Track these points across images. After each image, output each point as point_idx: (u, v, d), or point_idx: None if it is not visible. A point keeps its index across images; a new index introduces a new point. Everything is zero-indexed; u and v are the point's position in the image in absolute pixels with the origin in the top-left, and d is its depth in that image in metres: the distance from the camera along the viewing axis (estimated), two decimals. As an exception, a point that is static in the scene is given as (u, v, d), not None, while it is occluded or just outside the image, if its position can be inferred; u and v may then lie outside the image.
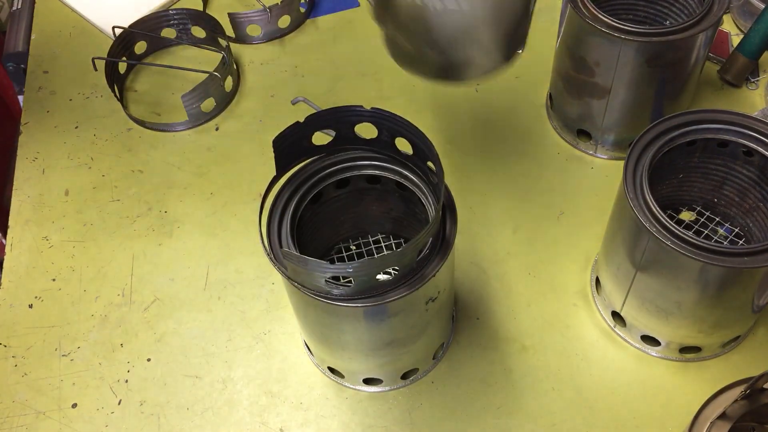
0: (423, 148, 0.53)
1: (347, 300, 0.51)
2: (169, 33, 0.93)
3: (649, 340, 0.65)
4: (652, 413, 0.63)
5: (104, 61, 0.86)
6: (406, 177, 0.58)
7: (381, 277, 0.53)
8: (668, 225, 0.54)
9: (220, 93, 0.85)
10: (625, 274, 0.61)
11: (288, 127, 0.54)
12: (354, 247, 0.70)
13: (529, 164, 0.79)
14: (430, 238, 0.52)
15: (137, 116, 0.87)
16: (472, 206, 0.76)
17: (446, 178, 0.78)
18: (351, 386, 0.66)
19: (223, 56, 0.85)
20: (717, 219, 0.70)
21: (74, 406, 0.66)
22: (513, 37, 0.66)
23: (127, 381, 0.67)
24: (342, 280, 0.50)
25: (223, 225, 0.76)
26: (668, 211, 0.71)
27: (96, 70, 0.87)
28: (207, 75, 0.83)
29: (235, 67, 0.90)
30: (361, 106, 0.54)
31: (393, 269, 0.50)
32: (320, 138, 0.57)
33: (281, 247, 0.53)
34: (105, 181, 0.81)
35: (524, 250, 0.73)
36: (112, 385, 0.67)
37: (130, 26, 0.89)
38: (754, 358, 0.65)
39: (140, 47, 0.92)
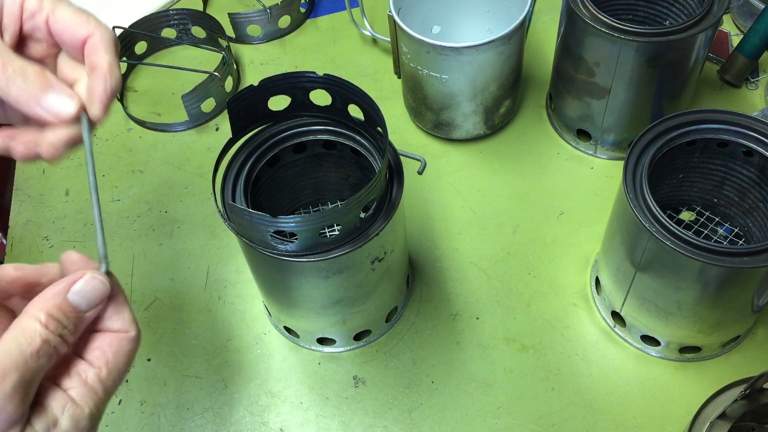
0: (372, 114, 0.55)
1: (293, 255, 0.53)
2: (169, 33, 0.93)
3: (649, 340, 0.65)
4: (652, 413, 0.63)
5: (104, 61, 0.86)
6: (359, 143, 0.60)
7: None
8: (668, 225, 0.54)
9: (220, 93, 0.85)
10: (624, 274, 0.61)
11: (243, 89, 0.56)
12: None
13: (529, 164, 0.79)
14: (375, 199, 0.54)
15: (137, 116, 0.87)
16: (472, 206, 0.76)
17: (446, 177, 0.79)
18: (306, 346, 0.68)
19: (223, 56, 0.85)
20: (717, 219, 0.70)
21: (74, 406, 0.66)
22: (493, 110, 0.78)
23: (127, 381, 0.67)
24: (288, 237, 0.53)
25: (223, 225, 0.77)
26: (668, 211, 0.71)
27: (96, 70, 0.87)
28: (207, 75, 0.83)
29: (235, 67, 0.90)
30: (314, 72, 0.56)
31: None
32: (276, 105, 0.58)
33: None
34: (105, 181, 0.81)
35: (524, 250, 0.73)
36: (112, 385, 0.67)
37: (130, 26, 0.90)
38: (754, 358, 0.65)
39: (140, 47, 0.92)
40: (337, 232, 0.54)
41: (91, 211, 0.79)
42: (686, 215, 0.71)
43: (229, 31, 0.92)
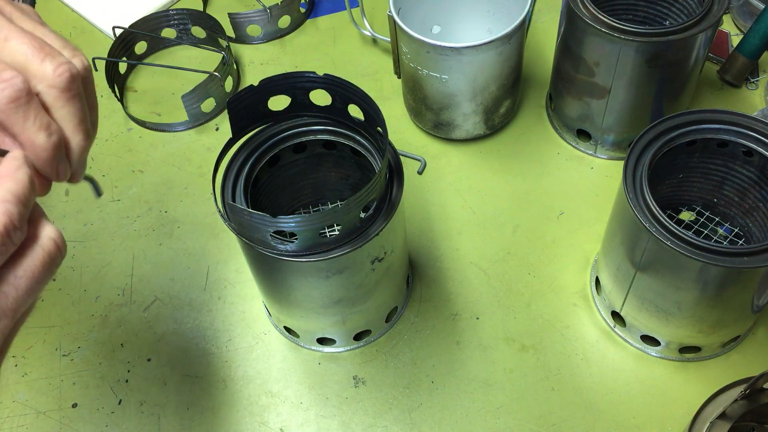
0: (372, 114, 0.55)
1: (293, 255, 0.53)
2: (169, 33, 0.93)
3: (649, 340, 0.65)
4: (652, 413, 0.63)
5: (104, 61, 0.86)
6: (359, 143, 0.60)
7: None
8: (668, 225, 0.54)
9: (220, 93, 0.85)
10: (624, 274, 0.61)
11: (243, 89, 0.56)
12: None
13: (529, 164, 0.79)
14: (375, 199, 0.54)
15: (137, 116, 0.87)
16: (472, 206, 0.76)
17: (446, 177, 0.79)
18: (306, 346, 0.68)
19: (223, 56, 0.85)
20: (717, 219, 0.70)
21: (74, 406, 0.66)
22: (493, 110, 0.78)
23: (127, 381, 0.67)
24: (288, 237, 0.53)
25: (223, 225, 0.76)
26: (668, 211, 0.71)
27: (96, 70, 0.87)
28: (207, 75, 0.83)
29: (235, 67, 0.90)
30: (314, 72, 0.56)
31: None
32: (276, 105, 0.59)
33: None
34: (105, 181, 0.81)
35: (524, 250, 0.73)
36: (112, 385, 0.67)
37: (130, 26, 0.90)
38: (754, 358, 0.65)
39: (140, 47, 0.92)
40: (337, 232, 0.54)
41: (91, 210, 0.79)
42: (686, 215, 0.71)
43: (229, 31, 0.92)
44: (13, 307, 0.33)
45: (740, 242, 0.68)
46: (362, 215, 0.54)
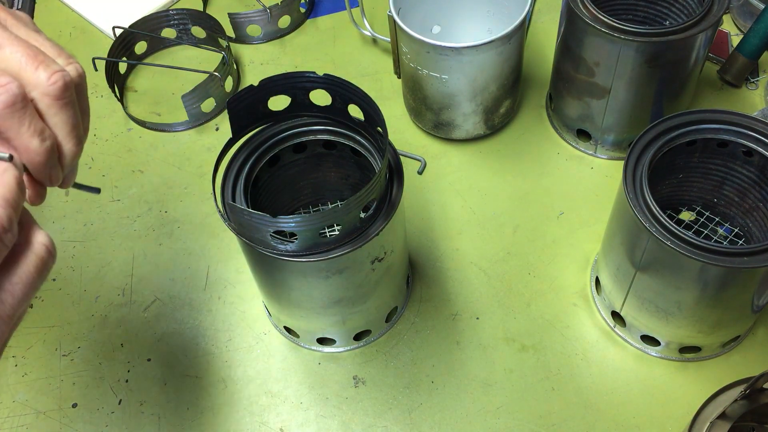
0: (372, 114, 0.55)
1: (293, 255, 0.53)
2: (169, 33, 0.93)
3: (649, 340, 0.65)
4: (652, 413, 0.63)
5: (104, 61, 0.86)
6: (359, 143, 0.60)
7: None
8: (668, 225, 0.54)
9: (220, 93, 0.85)
10: (624, 274, 0.61)
11: (243, 89, 0.56)
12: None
13: (529, 164, 0.79)
14: (375, 199, 0.54)
15: (137, 116, 0.87)
16: (472, 206, 0.76)
17: (446, 177, 0.79)
18: (306, 346, 0.68)
19: (223, 56, 0.85)
20: (717, 219, 0.70)
21: (74, 406, 0.66)
22: (493, 110, 0.78)
23: (127, 381, 0.67)
24: (288, 237, 0.53)
25: (223, 225, 0.77)
26: (668, 211, 0.71)
27: (96, 70, 0.87)
28: (207, 75, 0.83)
29: (235, 67, 0.90)
30: (314, 72, 0.56)
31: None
32: (276, 105, 0.59)
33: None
34: (105, 181, 0.81)
35: (524, 250, 0.73)
36: (112, 385, 0.67)
37: (130, 26, 0.90)
38: (754, 358, 0.65)
39: (140, 47, 0.92)
40: (337, 232, 0.54)
41: (91, 210, 0.79)
42: (686, 215, 0.71)
43: (229, 31, 0.92)
44: (10, 313, 0.34)
45: (740, 242, 0.68)
46: (362, 215, 0.54)
